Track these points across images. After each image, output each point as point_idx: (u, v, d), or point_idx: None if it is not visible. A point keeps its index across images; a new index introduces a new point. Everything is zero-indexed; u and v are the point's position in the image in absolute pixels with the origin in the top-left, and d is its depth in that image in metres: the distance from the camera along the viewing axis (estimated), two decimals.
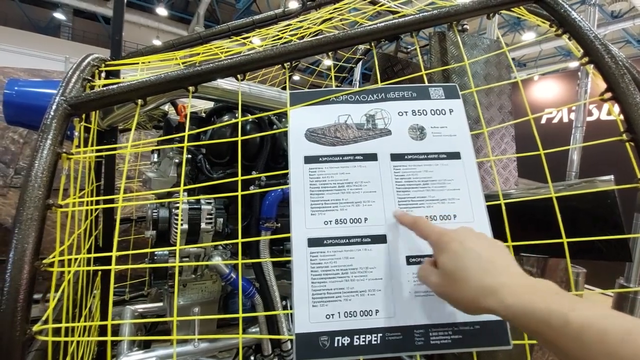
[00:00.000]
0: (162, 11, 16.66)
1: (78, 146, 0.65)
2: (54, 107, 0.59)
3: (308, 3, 1.35)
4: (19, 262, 0.47)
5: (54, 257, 0.54)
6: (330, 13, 1.23)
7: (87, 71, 0.73)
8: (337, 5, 1.27)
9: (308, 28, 1.12)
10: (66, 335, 0.57)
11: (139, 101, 0.63)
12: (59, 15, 18.29)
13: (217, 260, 1.00)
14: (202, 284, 1.06)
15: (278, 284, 1.08)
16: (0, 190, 1.78)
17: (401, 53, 1.98)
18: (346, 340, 0.52)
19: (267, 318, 1.09)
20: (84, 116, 0.65)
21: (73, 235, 0.68)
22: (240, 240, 0.57)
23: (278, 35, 1.02)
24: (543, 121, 5.44)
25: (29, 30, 17.34)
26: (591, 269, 2.71)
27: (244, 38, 1.17)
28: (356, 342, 0.52)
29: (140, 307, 1.33)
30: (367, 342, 0.53)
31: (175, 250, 0.93)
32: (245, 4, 16.00)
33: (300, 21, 1.29)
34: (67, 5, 17.37)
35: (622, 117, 0.62)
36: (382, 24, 0.70)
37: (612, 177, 0.72)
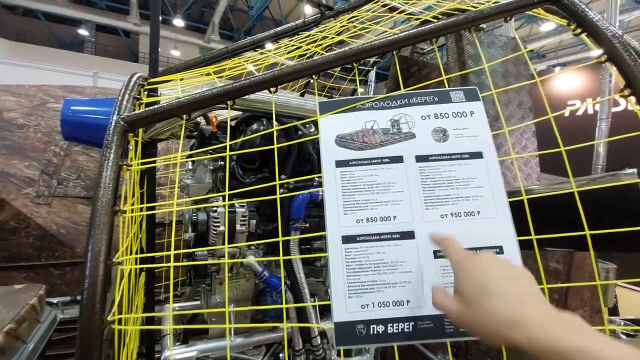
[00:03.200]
0: (179, 22, 17.15)
1: (132, 158, 0.73)
2: (112, 125, 0.67)
3: (327, 12, 1.40)
4: (95, 261, 0.54)
5: (120, 257, 0.61)
6: (349, 21, 1.28)
7: (135, 90, 0.81)
8: (354, 14, 1.32)
9: (329, 38, 1.17)
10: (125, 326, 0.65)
11: (184, 116, 0.70)
12: (82, 32, 19.13)
13: (251, 259, 1.06)
14: (236, 282, 1.13)
15: (307, 282, 1.14)
16: (45, 200, 1.92)
17: (416, 54, 2.00)
18: (381, 328, 0.57)
19: (298, 314, 1.15)
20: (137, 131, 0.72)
21: (128, 238, 0.76)
22: (280, 239, 0.63)
23: (300, 46, 1.08)
24: (567, 114, 5.30)
25: (55, 47, 18.22)
26: (622, 264, 2.64)
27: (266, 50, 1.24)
28: (390, 329, 0.57)
29: (177, 305, 1.42)
30: (400, 330, 0.57)
31: (213, 249, 1.00)
32: (258, 10, 16.26)
33: (320, 31, 1.35)
34: (90, 22, 18.16)
35: None
36: (404, 33, 0.75)
37: (635, 170, 0.73)
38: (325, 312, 1.30)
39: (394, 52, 0.78)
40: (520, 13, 0.83)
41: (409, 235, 0.62)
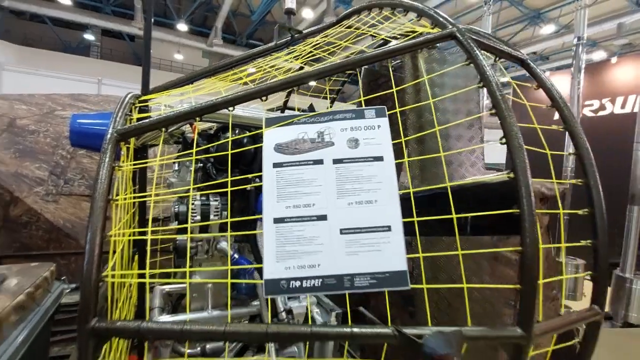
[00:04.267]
0: (182, 27, 17.45)
1: (123, 161, 0.96)
2: (108, 136, 0.90)
3: (295, 35, 1.64)
4: (94, 233, 0.77)
5: (111, 233, 0.84)
6: (314, 46, 1.51)
7: (127, 107, 1.04)
8: (318, 38, 1.55)
9: (300, 57, 1.41)
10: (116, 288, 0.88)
11: (163, 129, 0.93)
12: (88, 36, 19.53)
13: (223, 245, 1.29)
14: (213, 264, 1.36)
15: None
16: (53, 198, 2.17)
17: (383, 67, 2.23)
18: (298, 283, 0.80)
19: None
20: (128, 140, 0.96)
21: (121, 222, 0.99)
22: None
23: (265, 69, 1.31)
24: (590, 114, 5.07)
25: (61, 51, 18.62)
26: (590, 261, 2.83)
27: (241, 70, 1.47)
28: (304, 284, 0.80)
29: (166, 287, 1.65)
30: (311, 285, 0.80)
31: (191, 237, 1.23)
32: (260, 15, 16.58)
33: (291, 52, 1.58)
34: (96, 26, 18.56)
35: None
36: (357, 57, 0.97)
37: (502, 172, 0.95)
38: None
39: (357, 70, 1.01)
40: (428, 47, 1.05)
41: (323, 217, 0.84)
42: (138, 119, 1.03)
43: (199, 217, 1.21)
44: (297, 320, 1.49)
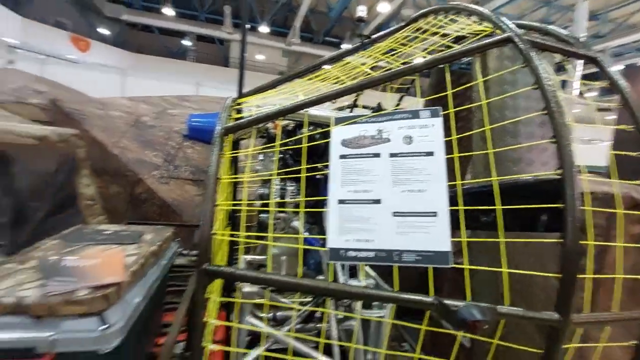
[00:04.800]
0: (264, 29, 18.68)
1: (226, 151, 1.25)
2: (217, 132, 1.19)
3: (365, 40, 1.80)
4: (209, 202, 1.06)
5: (218, 203, 1.13)
6: (383, 52, 1.65)
7: (228, 110, 1.34)
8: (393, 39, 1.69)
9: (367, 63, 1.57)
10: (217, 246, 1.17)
11: (255, 127, 1.19)
12: (186, 42, 22.10)
13: (295, 224, 1.54)
14: (287, 240, 1.62)
15: None
16: (165, 180, 2.69)
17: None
18: (354, 253, 0.98)
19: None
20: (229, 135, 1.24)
21: (223, 195, 1.28)
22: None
23: (337, 75, 1.50)
24: None
25: (165, 57, 21.44)
26: None
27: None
28: (360, 255, 0.98)
29: (249, 256, 1.98)
30: (365, 256, 0.97)
31: (271, 215, 1.50)
32: (338, 12, 16.89)
33: (361, 56, 1.75)
34: (192, 33, 20.94)
35: None
36: (424, 60, 1.11)
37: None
38: (352, 274, 1.71)
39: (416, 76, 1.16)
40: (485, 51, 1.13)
41: (378, 201, 1.01)
42: (236, 119, 1.32)
43: (278, 198, 1.47)
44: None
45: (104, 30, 20.19)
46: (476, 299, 0.95)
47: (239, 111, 1.42)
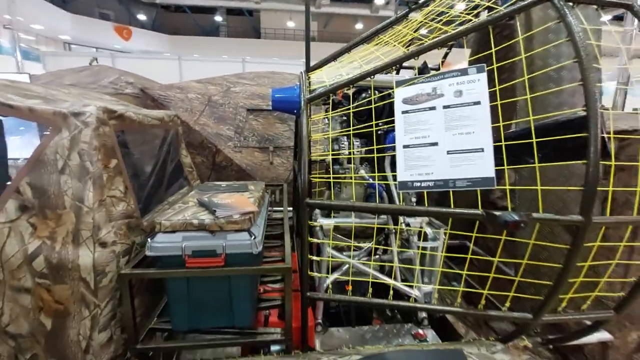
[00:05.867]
0: None
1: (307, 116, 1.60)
2: (302, 102, 1.53)
3: (412, 6, 2.00)
4: (304, 169, 1.43)
5: (311, 157, 1.50)
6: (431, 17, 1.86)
7: (305, 82, 1.67)
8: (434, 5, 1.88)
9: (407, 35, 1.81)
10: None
11: (331, 95, 1.52)
12: (217, 18, 22.35)
13: (362, 172, 1.89)
14: (356, 187, 1.99)
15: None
16: (238, 149, 3.15)
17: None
18: (418, 183, 1.31)
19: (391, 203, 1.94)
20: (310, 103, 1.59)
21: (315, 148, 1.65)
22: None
23: (390, 42, 1.76)
24: None
25: (199, 35, 21.94)
26: None
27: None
28: (422, 185, 1.31)
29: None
30: (427, 185, 1.30)
31: (343, 168, 1.86)
32: None
33: (405, 25, 1.97)
34: (222, 7, 21.07)
35: None
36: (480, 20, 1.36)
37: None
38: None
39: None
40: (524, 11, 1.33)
41: (435, 144, 1.31)
42: (310, 90, 1.65)
43: (346, 152, 1.82)
44: (412, 232, 2.03)
45: (142, 16, 21.02)
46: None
47: (309, 84, 1.75)
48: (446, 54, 2.89)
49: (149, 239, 1.28)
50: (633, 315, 2.27)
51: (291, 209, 2.61)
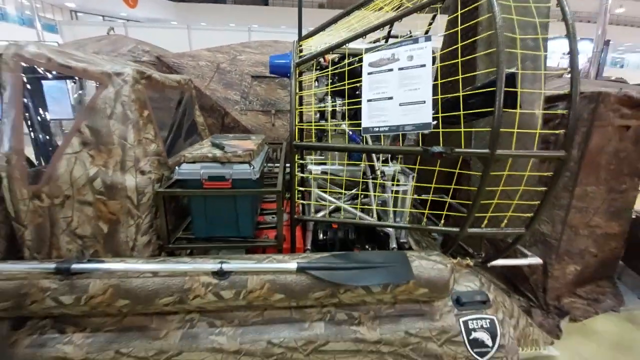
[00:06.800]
0: None
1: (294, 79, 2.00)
2: (292, 66, 1.93)
3: None
4: (294, 108, 1.84)
5: (299, 109, 1.92)
6: None
7: (296, 49, 2.05)
8: None
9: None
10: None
11: (314, 60, 1.91)
12: None
13: (343, 127, 2.30)
14: (337, 138, 2.40)
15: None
16: (244, 112, 3.56)
17: None
18: (377, 128, 1.73)
19: (368, 156, 2.36)
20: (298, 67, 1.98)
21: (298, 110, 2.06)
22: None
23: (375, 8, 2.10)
24: None
25: (204, 2, 21.60)
26: None
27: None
28: (381, 129, 1.72)
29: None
30: (383, 130, 1.71)
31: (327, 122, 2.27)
32: None
33: None
34: None
35: None
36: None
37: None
38: (385, 161, 2.47)
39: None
40: None
41: (390, 98, 1.71)
42: (300, 57, 2.03)
43: (330, 109, 2.23)
44: (387, 177, 2.46)
45: None
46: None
47: (301, 50, 2.13)
48: (430, 23, 3.19)
49: (176, 167, 1.74)
50: (571, 252, 2.74)
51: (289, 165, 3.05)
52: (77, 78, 2.52)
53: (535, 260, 2.32)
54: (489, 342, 1.79)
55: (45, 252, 1.78)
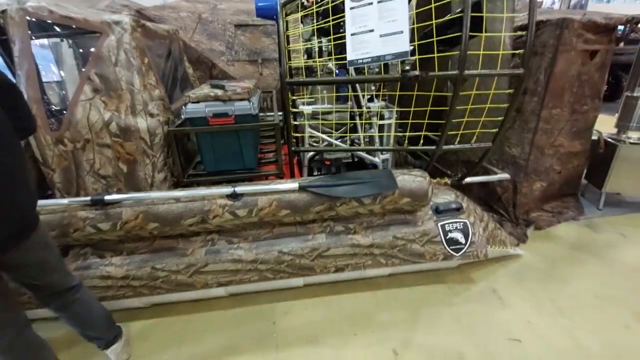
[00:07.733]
0: None
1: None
2: (278, 7, 2.05)
3: None
4: (283, 47, 2.01)
5: (288, 47, 2.07)
6: None
7: None
8: None
9: None
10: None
11: (299, 1, 2.04)
12: None
13: (330, 66, 2.47)
14: (324, 76, 2.58)
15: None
16: (230, 63, 3.64)
17: None
18: (361, 60, 1.92)
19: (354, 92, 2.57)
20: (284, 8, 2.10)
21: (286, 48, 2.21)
22: None
23: None
24: None
25: None
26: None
27: None
28: (364, 61, 1.91)
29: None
30: (367, 60, 1.91)
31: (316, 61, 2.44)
32: None
33: None
34: None
35: None
36: None
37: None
38: (370, 99, 2.68)
39: None
40: None
41: (372, 30, 1.89)
42: None
43: (317, 49, 2.38)
44: (373, 112, 2.69)
45: None
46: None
47: None
48: None
49: (183, 107, 1.94)
50: (538, 170, 3.09)
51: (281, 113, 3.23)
52: (70, 41, 2.58)
53: (504, 175, 2.66)
54: (462, 240, 2.15)
55: (73, 193, 2.01)
